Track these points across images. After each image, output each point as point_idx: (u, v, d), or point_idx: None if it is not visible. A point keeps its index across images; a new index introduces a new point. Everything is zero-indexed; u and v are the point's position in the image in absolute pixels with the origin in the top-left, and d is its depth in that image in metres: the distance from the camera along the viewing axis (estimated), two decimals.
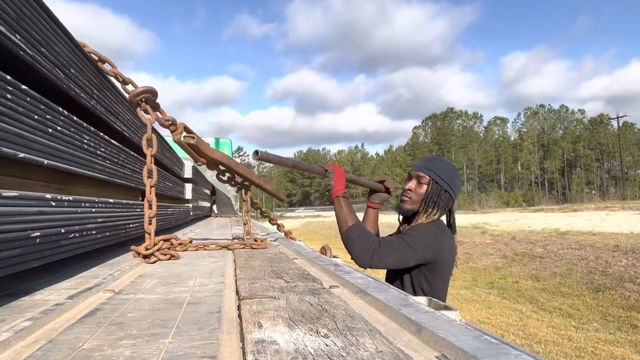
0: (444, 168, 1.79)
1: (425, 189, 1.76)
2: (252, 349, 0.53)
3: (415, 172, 1.80)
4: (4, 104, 0.82)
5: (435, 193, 1.74)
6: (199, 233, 3.06)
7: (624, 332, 5.61)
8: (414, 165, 1.86)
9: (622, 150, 53.88)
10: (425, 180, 1.76)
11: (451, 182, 1.77)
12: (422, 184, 1.77)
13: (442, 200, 1.75)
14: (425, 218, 1.74)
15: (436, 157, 1.88)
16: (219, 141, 12.87)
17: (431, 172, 1.76)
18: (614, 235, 10.32)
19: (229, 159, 1.82)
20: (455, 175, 1.80)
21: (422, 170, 1.78)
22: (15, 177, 1.05)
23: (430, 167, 1.78)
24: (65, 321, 0.71)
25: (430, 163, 1.81)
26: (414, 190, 1.78)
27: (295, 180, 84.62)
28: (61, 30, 1.15)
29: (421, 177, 1.77)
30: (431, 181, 1.75)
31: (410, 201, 1.79)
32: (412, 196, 1.78)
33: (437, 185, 1.75)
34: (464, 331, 0.57)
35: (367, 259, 1.62)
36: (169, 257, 1.49)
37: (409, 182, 1.82)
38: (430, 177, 1.76)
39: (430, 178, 1.76)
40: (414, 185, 1.79)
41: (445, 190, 1.75)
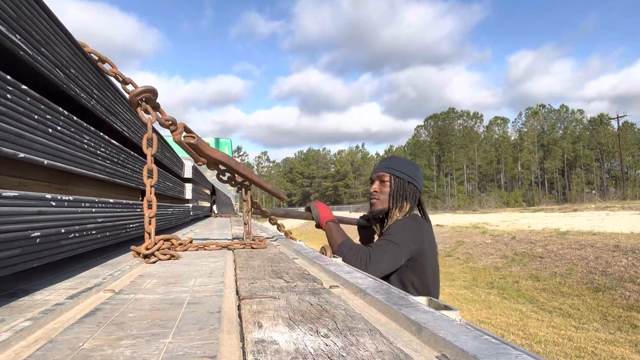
0: (401, 163, 1.89)
1: (389, 186, 1.84)
2: (252, 348, 0.53)
3: (376, 174, 1.90)
4: (4, 104, 0.82)
5: (400, 187, 1.83)
6: (199, 233, 3.06)
7: (624, 332, 5.61)
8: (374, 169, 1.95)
9: (622, 150, 53.87)
10: (387, 177, 1.86)
11: (412, 174, 1.86)
12: (384, 182, 1.86)
13: (409, 192, 1.83)
14: (398, 212, 1.82)
15: (391, 157, 2.00)
16: (219, 141, 12.87)
17: (390, 169, 1.86)
18: (614, 235, 10.31)
19: (229, 158, 1.82)
20: (413, 167, 1.89)
21: (382, 170, 1.88)
22: (15, 177, 1.05)
23: (388, 165, 1.88)
24: (65, 321, 0.71)
25: (387, 162, 1.91)
26: (380, 190, 1.87)
27: (295, 180, 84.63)
28: (61, 30, 1.15)
29: (382, 176, 1.87)
30: (392, 177, 1.85)
31: (379, 202, 1.87)
32: (380, 196, 1.86)
33: (399, 179, 1.84)
34: (464, 331, 0.57)
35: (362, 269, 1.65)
36: (169, 257, 1.49)
37: (372, 185, 1.90)
38: (390, 174, 1.85)
39: (391, 174, 1.85)
40: (378, 186, 1.87)
41: (409, 182, 1.84)
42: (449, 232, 15.94)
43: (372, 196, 1.89)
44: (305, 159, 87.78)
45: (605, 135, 66.96)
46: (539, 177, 71.74)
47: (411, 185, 1.84)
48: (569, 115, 71.99)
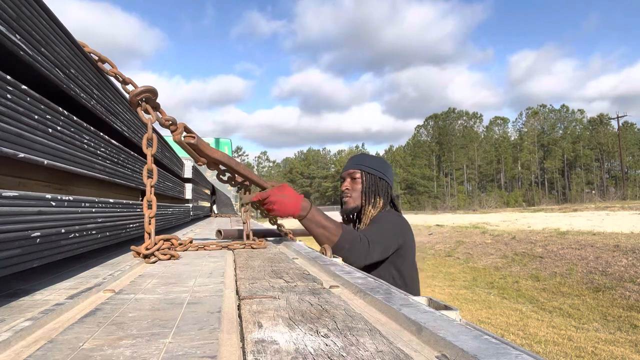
0: (371, 159, 1.88)
1: (361, 183, 1.83)
2: (252, 348, 0.53)
3: (347, 172, 1.88)
4: (4, 104, 0.82)
5: (372, 183, 1.82)
6: (199, 233, 3.06)
7: (624, 332, 5.61)
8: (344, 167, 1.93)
9: (622, 150, 53.86)
10: (358, 175, 1.84)
11: (382, 169, 1.85)
12: (356, 179, 1.84)
13: (381, 188, 1.82)
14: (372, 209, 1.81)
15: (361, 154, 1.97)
16: (219, 141, 12.88)
17: (360, 166, 1.85)
18: (614, 235, 10.31)
19: (229, 158, 1.82)
20: (384, 163, 1.89)
21: (352, 167, 1.86)
22: (15, 177, 1.05)
23: (359, 162, 1.87)
24: (65, 321, 0.71)
25: (357, 159, 1.90)
26: (351, 187, 1.85)
27: (295, 180, 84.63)
28: (61, 30, 1.15)
29: (353, 174, 1.85)
30: (363, 174, 1.83)
31: (351, 199, 1.85)
32: (352, 194, 1.85)
33: (370, 175, 1.82)
34: (464, 331, 0.57)
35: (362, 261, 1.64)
36: (169, 257, 1.49)
37: (344, 183, 1.89)
38: (361, 171, 1.84)
39: (362, 171, 1.84)
40: (350, 184, 1.86)
41: (380, 177, 1.83)
42: (449, 232, 15.94)
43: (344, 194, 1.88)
44: (305, 159, 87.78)
45: (605, 135, 66.96)
46: (539, 177, 71.74)
47: (383, 181, 1.83)
48: (569, 115, 72.00)
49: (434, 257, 12.94)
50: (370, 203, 1.80)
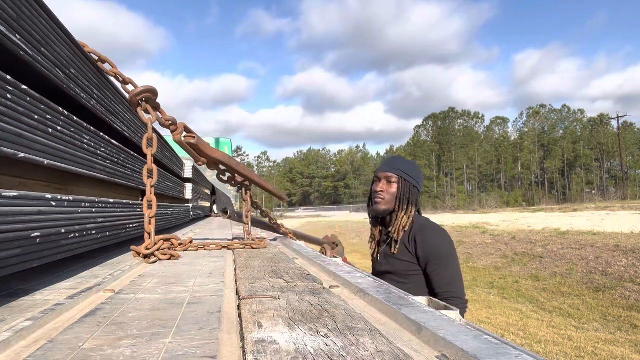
0: (408, 165, 1.89)
1: (397, 188, 1.83)
2: (252, 348, 0.53)
3: (384, 174, 1.87)
4: (4, 104, 0.82)
5: (407, 190, 1.83)
6: (199, 233, 3.06)
7: (624, 332, 5.61)
8: (381, 168, 1.93)
9: (622, 150, 53.88)
10: (395, 179, 1.84)
11: (416, 176, 1.88)
12: (392, 183, 1.84)
13: (413, 195, 1.84)
14: (405, 216, 1.81)
15: (398, 157, 1.98)
16: (219, 141, 12.87)
17: (399, 171, 1.85)
18: (614, 235, 10.31)
19: (229, 158, 1.82)
20: (419, 171, 1.91)
21: (390, 170, 1.86)
22: (15, 177, 1.05)
23: (397, 166, 1.87)
24: (66, 321, 0.71)
25: (395, 163, 1.90)
26: (386, 190, 1.85)
27: (295, 180, 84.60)
28: (61, 30, 1.15)
29: (390, 177, 1.85)
30: (400, 179, 1.84)
31: (384, 202, 1.84)
32: (385, 196, 1.84)
33: (406, 182, 1.84)
34: (464, 331, 0.57)
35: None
36: (169, 257, 1.49)
37: (378, 184, 1.88)
38: (399, 176, 1.84)
39: (399, 177, 1.84)
40: (385, 186, 1.85)
41: (414, 185, 1.85)
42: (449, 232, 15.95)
43: (377, 195, 1.86)
44: (306, 159, 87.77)
45: (605, 135, 66.99)
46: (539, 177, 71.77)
47: (415, 189, 1.85)
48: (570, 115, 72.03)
49: None
50: (402, 209, 1.81)
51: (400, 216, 1.81)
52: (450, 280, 1.71)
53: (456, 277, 1.72)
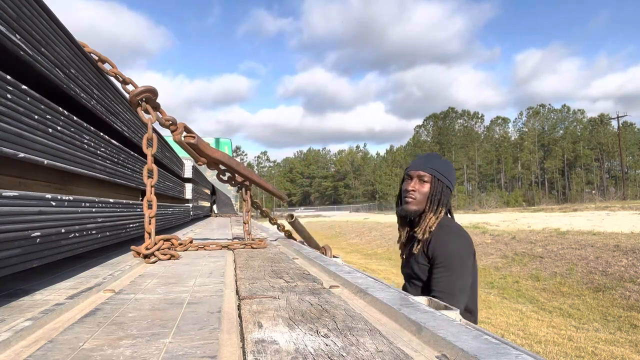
0: (442, 164, 1.77)
1: (429, 187, 1.72)
2: (252, 348, 0.53)
3: (416, 172, 1.75)
4: (4, 104, 0.82)
5: (439, 190, 1.71)
6: (199, 233, 3.06)
7: (624, 332, 5.61)
8: (413, 165, 1.80)
9: (622, 150, 53.88)
10: (428, 178, 1.72)
11: (450, 177, 1.77)
12: (424, 182, 1.73)
13: (445, 196, 1.73)
14: (434, 217, 1.70)
15: (432, 155, 1.85)
16: (219, 141, 12.88)
17: (432, 169, 1.73)
18: (614, 235, 10.31)
19: (229, 158, 1.82)
20: (452, 170, 1.80)
21: (423, 169, 1.74)
22: (15, 177, 1.05)
23: (431, 165, 1.75)
24: (66, 321, 0.71)
25: (429, 161, 1.78)
26: (417, 189, 1.73)
27: (295, 180, 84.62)
28: (61, 30, 1.15)
29: (423, 176, 1.73)
30: (433, 179, 1.72)
31: (415, 202, 1.73)
32: (417, 196, 1.72)
33: (439, 182, 1.72)
34: (464, 331, 0.57)
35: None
36: (169, 257, 1.49)
37: (409, 183, 1.75)
38: (432, 175, 1.72)
39: (432, 176, 1.72)
40: (417, 185, 1.73)
41: (447, 186, 1.74)
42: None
43: (408, 194, 1.74)
44: (305, 158, 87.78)
45: (605, 135, 67.00)
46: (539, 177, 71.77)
47: (448, 190, 1.74)
48: (570, 115, 72.05)
49: None
50: (432, 210, 1.70)
51: (429, 217, 1.70)
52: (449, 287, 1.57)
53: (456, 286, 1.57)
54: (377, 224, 23.15)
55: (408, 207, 1.74)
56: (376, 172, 74.70)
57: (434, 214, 1.70)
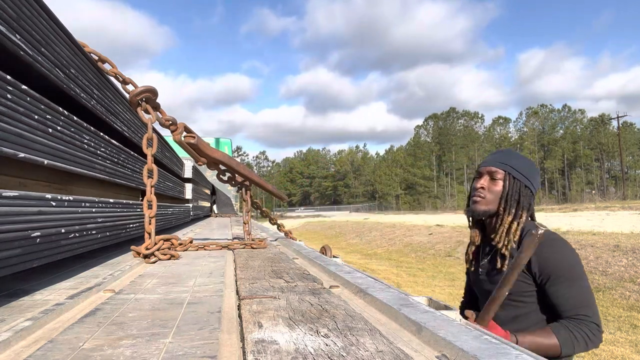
0: (520, 161, 1.56)
1: (502, 186, 1.51)
2: (253, 348, 0.53)
3: (487, 168, 1.55)
4: (4, 104, 0.82)
5: (516, 190, 1.50)
6: (199, 233, 3.06)
7: (624, 332, 5.61)
8: (484, 161, 1.61)
9: (622, 150, 53.90)
10: (500, 175, 1.52)
11: (530, 175, 1.54)
12: (496, 179, 1.53)
13: (525, 197, 1.50)
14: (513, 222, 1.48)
15: (508, 150, 1.64)
16: (219, 141, 12.89)
17: (506, 165, 1.52)
18: (614, 235, 10.31)
19: (229, 158, 1.82)
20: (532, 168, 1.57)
21: (495, 164, 1.54)
22: (15, 177, 1.05)
23: (504, 161, 1.55)
24: (66, 321, 0.71)
25: (503, 156, 1.57)
26: (487, 187, 1.53)
27: (295, 180, 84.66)
28: (61, 30, 1.15)
29: (495, 173, 1.53)
30: (507, 176, 1.51)
31: (484, 201, 1.53)
32: (486, 195, 1.52)
33: (516, 180, 1.51)
34: (464, 331, 0.57)
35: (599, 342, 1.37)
36: (169, 257, 1.49)
37: (479, 180, 1.56)
38: (505, 172, 1.51)
39: (506, 172, 1.51)
40: (487, 183, 1.54)
41: (526, 185, 1.51)
42: (449, 232, 15.94)
43: (477, 193, 1.55)
44: (305, 158, 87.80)
45: (606, 135, 67.03)
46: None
47: (528, 190, 1.52)
48: (570, 115, 72.11)
49: (434, 257, 12.95)
50: (510, 213, 1.48)
51: (506, 220, 1.48)
52: (582, 299, 1.38)
53: (589, 297, 1.40)
54: (377, 224, 23.15)
55: (475, 207, 1.55)
56: (376, 172, 74.72)
57: (513, 218, 1.48)
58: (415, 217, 27.19)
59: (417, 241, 15.61)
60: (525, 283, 1.44)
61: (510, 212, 1.49)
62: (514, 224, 1.47)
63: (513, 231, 1.47)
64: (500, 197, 1.51)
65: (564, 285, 1.39)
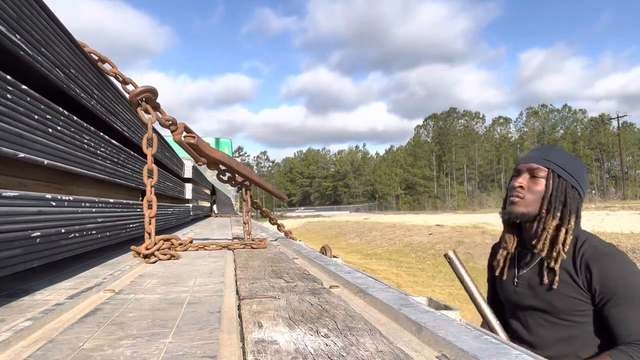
0: (566, 158, 1.38)
1: (545, 185, 1.33)
2: (253, 348, 0.53)
3: (527, 165, 1.37)
4: (4, 104, 0.82)
5: (561, 190, 1.31)
6: (199, 233, 3.06)
7: None
8: (524, 158, 1.43)
9: (622, 150, 53.91)
10: (543, 173, 1.33)
11: (577, 174, 1.35)
12: (538, 178, 1.34)
13: (573, 199, 1.31)
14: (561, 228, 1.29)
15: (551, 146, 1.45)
16: (219, 141, 12.90)
17: (549, 162, 1.34)
18: (614, 235, 10.31)
19: (229, 158, 1.82)
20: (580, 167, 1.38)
21: (537, 161, 1.36)
22: (15, 177, 1.05)
23: (548, 157, 1.36)
24: (66, 321, 0.71)
25: (546, 152, 1.39)
26: (527, 187, 1.35)
27: (295, 180, 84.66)
28: (61, 30, 1.15)
29: (536, 170, 1.34)
30: (552, 174, 1.33)
31: (523, 202, 1.34)
32: (526, 195, 1.34)
33: (561, 179, 1.32)
34: (464, 331, 0.57)
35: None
36: (169, 257, 1.49)
37: (517, 178, 1.38)
38: (549, 169, 1.33)
39: (550, 170, 1.33)
40: (526, 181, 1.36)
41: (572, 186, 1.32)
42: (449, 232, 15.95)
43: (515, 193, 1.36)
44: (305, 158, 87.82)
45: (606, 135, 67.06)
46: None
47: (575, 192, 1.32)
48: (570, 115, 72.18)
49: (434, 257, 12.95)
50: (554, 217, 1.29)
51: (550, 225, 1.29)
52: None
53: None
54: (377, 224, 23.16)
55: (512, 209, 1.36)
56: (376, 172, 74.72)
57: (560, 223, 1.29)
58: (415, 217, 27.19)
59: (417, 241, 15.61)
60: (581, 301, 1.26)
61: (554, 215, 1.30)
62: (562, 231, 1.28)
63: (562, 240, 1.27)
64: (542, 197, 1.33)
65: (629, 307, 1.20)
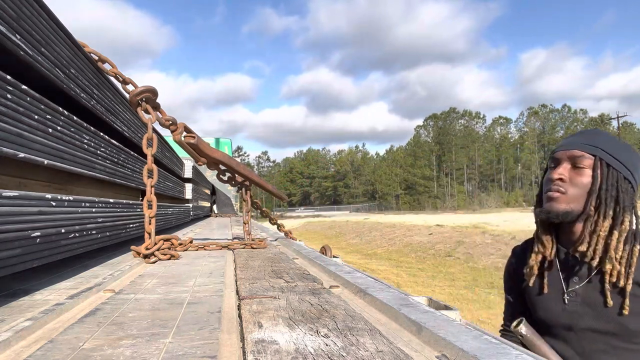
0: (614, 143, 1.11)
1: (592, 177, 1.06)
2: (253, 348, 0.53)
3: (568, 152, 1.10)
4: (4, 104, 0.82)
5: (612, 182, 1.05)
6: (199, 233, 3.06)
7: None
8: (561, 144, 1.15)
9: None
10: (589, 161, 1.07)
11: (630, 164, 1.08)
12: (582, 168, 1.07)
13: (626, 193, 1.05)
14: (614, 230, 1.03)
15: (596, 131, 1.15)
16: (219, 141, 12.90)
17: (596, 149, 1.07)
18: None
19: (229, 158, 1.82)
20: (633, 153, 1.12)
21: (581, 147, 1.08)
22: (15, 177, 1.05)
23: (593, 142, 1.09)
24: (66, 321, 0.71)
25: (591, 137, 1.11)
26: (569, 179, 1.08)
27: (295, 180, 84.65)
28: (61, 30, 1.15)
29: (580, 158, 1.07)
30: (600, 162, 1.06)
31: (564, 198, 1.07)
32: (567, 189, 1.07)
33: (611, 169, 1.06)
34: (464, 331, 0.57)
35: None
36: (169, 257, 1.49)
37: (556, 169, 1.10)
38: (596, 156, 1.07)
39: (597, 157, 1.06)
40: (568, 172, 1.09)
41: (625, 177, 1.06)
42: (449, 232, 15.95)
43: (554, 186, 1.09)
44: (305, 158, 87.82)
45: None
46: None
47: (627, 184, 1.06)
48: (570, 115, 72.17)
49: (434, 257, 12.96)
50: (606, 216, 1.04)
51: (602, 227, 1.04)
52: None
53: None
54: (377, 224, 23.15)
55: (552, 206, 1.09)
56: (376, 172, 74.72)
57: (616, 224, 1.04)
58: (415, 217, 27.19)
59: (417, 241, 15.61)
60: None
61: (606, 214, 1.04)
62: (615, 234, 1.03)
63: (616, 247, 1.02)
64: (588, 192, 1.06)
65: None
